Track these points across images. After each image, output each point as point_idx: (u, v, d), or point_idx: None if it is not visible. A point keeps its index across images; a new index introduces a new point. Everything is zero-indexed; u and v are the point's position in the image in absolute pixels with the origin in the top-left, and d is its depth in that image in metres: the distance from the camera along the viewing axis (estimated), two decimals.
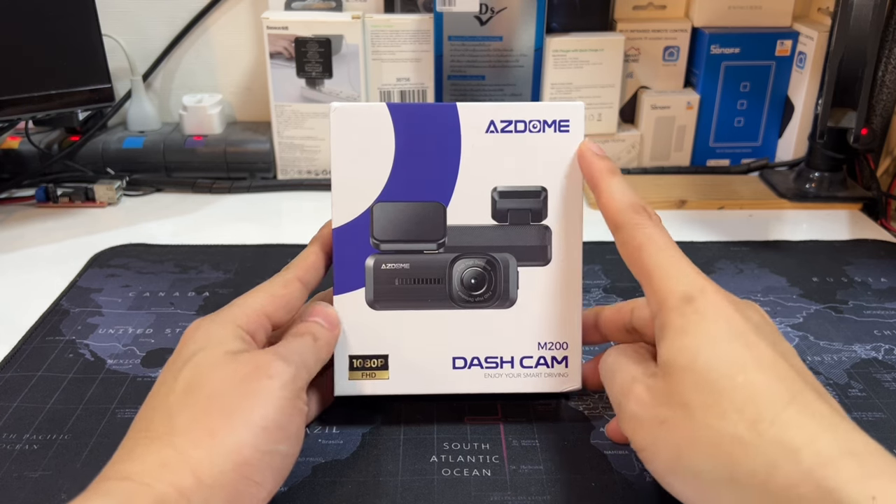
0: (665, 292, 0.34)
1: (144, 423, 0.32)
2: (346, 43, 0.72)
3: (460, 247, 0.41)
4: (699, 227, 0.67)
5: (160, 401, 0.33)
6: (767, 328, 0.34)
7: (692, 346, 0.31)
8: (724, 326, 0.32)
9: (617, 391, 0.35)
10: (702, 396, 0.30)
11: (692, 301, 0.33)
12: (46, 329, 0.51)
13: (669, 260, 0.35)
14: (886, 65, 0.70)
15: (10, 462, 0.39)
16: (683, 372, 0.31)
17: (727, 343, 0.31)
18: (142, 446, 0.31)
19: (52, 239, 0.65)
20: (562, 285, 0.41)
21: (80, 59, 0.64)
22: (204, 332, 0.36)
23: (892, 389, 0.45)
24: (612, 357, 0.37)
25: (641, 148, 0.79)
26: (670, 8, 0.77)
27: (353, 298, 0.41)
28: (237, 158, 0.76)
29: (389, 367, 0.41)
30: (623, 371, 0.35)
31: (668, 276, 0.34)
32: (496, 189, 0.41)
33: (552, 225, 0.41)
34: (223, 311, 0.37)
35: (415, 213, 0.41)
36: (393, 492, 0.37)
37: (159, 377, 0.35)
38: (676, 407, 0.31)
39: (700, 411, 0.30)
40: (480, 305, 0.41)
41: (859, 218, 0.70)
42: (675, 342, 0.32)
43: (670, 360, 0.32)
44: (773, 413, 0.29)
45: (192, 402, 0.32)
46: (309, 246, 0.42)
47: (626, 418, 0.34)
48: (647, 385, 0.33)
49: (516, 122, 0.41)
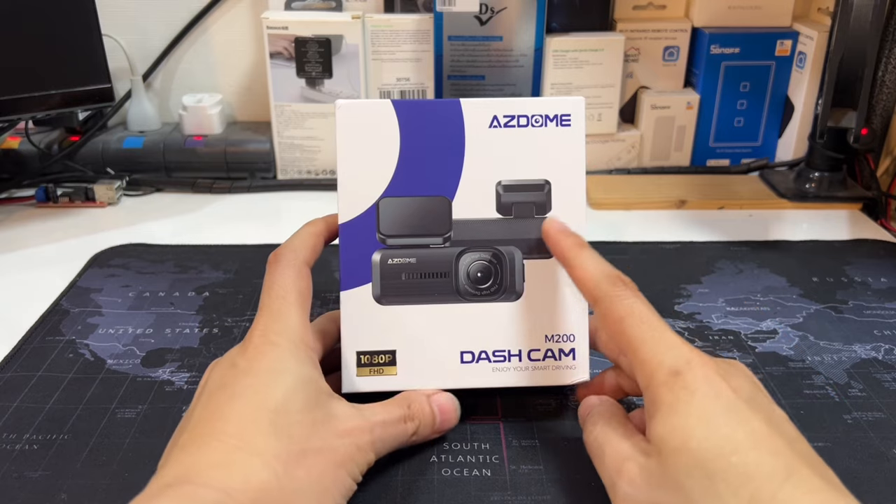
0: (652, 366, 0.33)
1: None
2: (346, 43, 0.72)
3: (466, 240, 0.42)
4: (699, 227, 0.67)
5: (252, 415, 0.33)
6: (759, 396, 0.33)
7: (684, 426, 0.31)
8: (714, 402, 0.31)
9: (609, 469, 0.34)
10: (696, 480, 0.30)
11: (680, 375, 0.32)
12: (46, 329, 0.51)
13: (653, 333, 0.34)
14: (886, 65, 0.70)
15: (10, 462, 0.39)
16: (677, 454, 0.31)
17: (719, 420, 0.31)
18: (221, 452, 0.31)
19: (52, 239, 0.65)
20: (567, 277, 0.41)
21: (80, 59, 0.64)
22: (278, 362, 0.35)
23: (892, 389, 0.45)
24: (598, 428, 0.36)
25: (641, 148, 0.79)
26: (670, 8, 0.77)
27: (359, 294, 0.41)
28: (237, 158, 0.76)
29: (397, 362, 0.41)
30: (612, 447, 0.35)
31: (653, 351, 0.34)
32: (500, 183, 0.41)
33: (556, 217, 0.42)
34: (286, 328, 0.36)
35: (420, 207, 0.41)
36: (393, 492, 0.37)
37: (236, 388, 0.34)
38: (671, 490, 0.30)
39: (696, 495, 0.30)
40: (487, 299, 0.42)
41: (859, 218, 0.70)
42: (666, 421, 0.32)
43: (663, 439, 0.32)
44: (769, 493, 0.28)
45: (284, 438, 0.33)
46: (309, 226, 0.41)
47: (619, 498, 0.33)
48: (640, 465, 0.32)
49: (519, 116, 0.41)
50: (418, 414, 0.38)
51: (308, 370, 0.35)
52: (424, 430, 0.39)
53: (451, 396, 0.41)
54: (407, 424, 0.38)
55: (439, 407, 0.40)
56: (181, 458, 0.31)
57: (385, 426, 0.37)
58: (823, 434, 0.41)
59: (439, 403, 0.40)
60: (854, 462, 0.39)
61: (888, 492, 0.38)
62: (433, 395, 0.40)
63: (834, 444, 0.41)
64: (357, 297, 0.41)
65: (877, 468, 0.39)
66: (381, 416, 0.37)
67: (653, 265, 0.59)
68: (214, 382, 0.35)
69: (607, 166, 0.79)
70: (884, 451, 0.40)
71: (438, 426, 0.40)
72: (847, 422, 0.42)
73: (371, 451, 0.36)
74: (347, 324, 0.41)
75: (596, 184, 0.74)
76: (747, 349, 0.49)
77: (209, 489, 0.29)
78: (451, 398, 0.41)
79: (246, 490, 0.30)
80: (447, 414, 0.40)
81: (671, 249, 0.62)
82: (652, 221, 0.68)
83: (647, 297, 0.55)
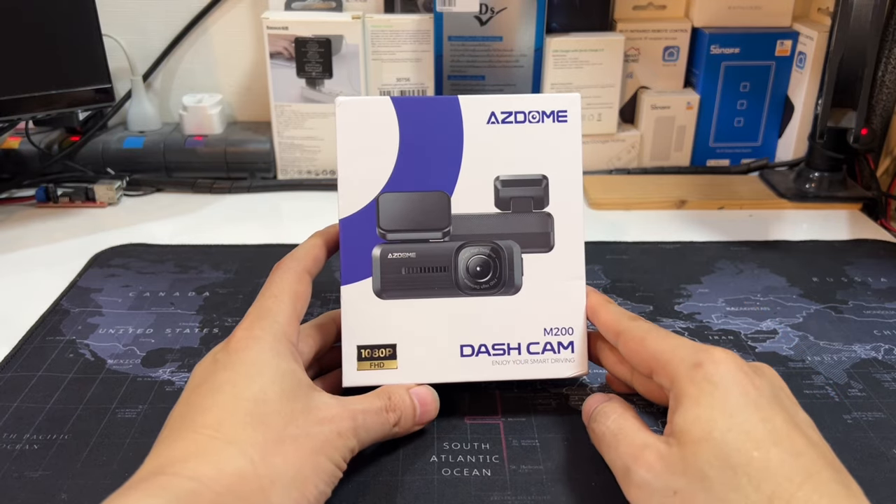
0: (675, 364, 0.35)
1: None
2: (346, 43, 0.72)
3: (465, 235, 0.42)
4: (699, 227, 0.67)
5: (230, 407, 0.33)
6: (783, 396, 0.34)
7: (708, 417, 0.32)
8: (738, 397, 0.32)
9: (624, 456, 0.34)
10: (719, 470, 0.30)
11: (701, 366, 0.33)
12: (46, 329, 0.51)
13: (674, 341, 0.36)
14: (886, 65, 0.70)
15: (10, 462, 0.39)
16: (699, 443, 0.31)
17: (742, 414, 0.31)
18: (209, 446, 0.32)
19: (52, 239, 0.65)
20: (565, 271, 0.42)
21: (80, 59, 0.64)
22: (257, 355, 0.35)
23: (892, 389, 0.45)
24: (611, 420, 0.37)
25: (641, 148, 0.79)
26: (670, 8, 0.77)
27: (360, 288, 0.41)
28: (237, 158, 0.76)
29: (398, 356, 0.41)
30: (628, 435, 0.35)
31: (673, 352, 0.35)
32: (499, 178, 0.42)
33: (554, 212, 0.42)
34: (272, 324, 0.37)
35: (420, 202, 0.42)
36: (393, 492, 0.37)
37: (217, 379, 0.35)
38: (692, 478, 0.31)
39: (717, 484, 0.30)
40: (486, 292, 0.42)
41: (859, 218, 0.70)
42: (689, 412, 0.32)
43: (685, 429, 0.32)
44: (789, 492, 0.29)
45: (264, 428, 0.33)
46: (312, 238, 0.42)
47: (634, 484, 0.33)
48: (660, 452, 0.33)
49: (516, 113, 0.42)
50: (399, 405, 0.39)
51: (287, 363, 0.35)
52: (406, 421, 0.39)
53: (431, 389, 0.41)
54: (388, 415, 0.38)
55: (419, 399, 0.40)
56: (158, 452, 0.32)
57: (366, 414, 0.37)
58: (823, 434, 0.41)
59: (419, 395, 0.40)
60: (854, 462, 0.39)
61: (888, 492, 0.38)
62: (412, 388, 0.40)
63: (834, 444, 0.40)
64: (357, 291, 0.41)
65: (877, 468, 0.39)
66: (363, 405, 0.37)
67: (653, 265, 0.59)
68: (196, 378, 0.35)
69: (607, 166, 0.79)
70: (884, 451, 0.40)
71: (419, 418, 0.40)
72: (847, 422, 0.42)
73: (353, 437, 0.35)
74: (348, 318, 0.41)
75: (596, 184, 0.74)
76: (747, 349, 0.49)
77: (182, 478, 0.29)
78: (430, 391, 0.41)
79: (220, 478, 0.30)
80: (427, 406, 0.40)
81: (671, 249, 0.62)
82: (652, 221, 0.68)
83: (647, 297, 0.55)
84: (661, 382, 0.36)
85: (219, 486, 0.30)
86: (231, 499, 0.30)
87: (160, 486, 0.29)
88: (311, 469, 0.33)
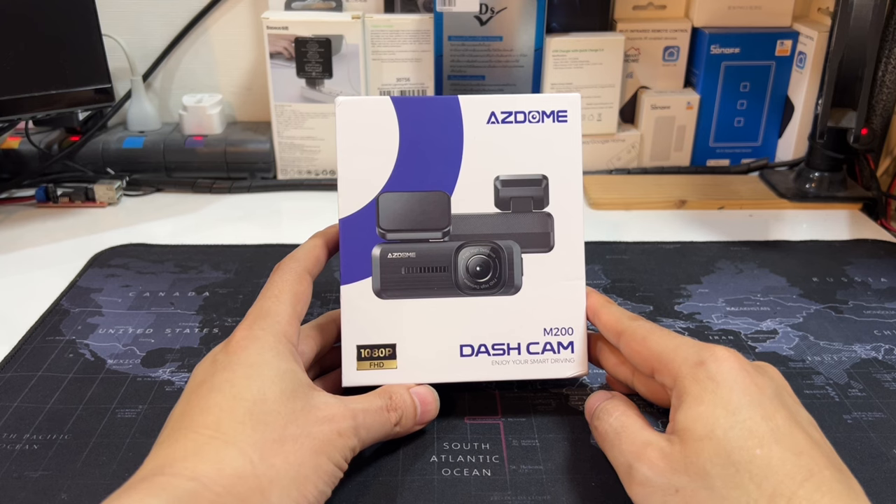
0: (677, 362, 0.35)
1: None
2: (346, 43, 0.72)
3: (465, 235, 0.42)
4: (699, 227, 0.67)
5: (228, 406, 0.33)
6: (785, 396, 0.34)
7: (710, 415, 0.32)
8: (741, 395, 0.32)
9: (627, 453, 0.34)
10: (721, 468, 0.30)
11: (704, 364, 0.33)
12: (46, 329, 0.51)
13: (675, 341, 0.36)
14: (886, 65, 0.70)
15: (10, 462, 0.39)
16: (701, 441, 0.31)
17: (744, 412, 0.31)
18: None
19: (52, 239, 0.65)
20: (565, 271, 0.42)
21: (80, 59, 0.64)
22: (257, 356, 0.35)
23: (892, 389, 0.45)
24: (614, 417, 0.37)
25: (641, 148, 0.79)
26: (670, 8, 0.77)
27: (359, 288, 0.41)
28: (237, 158, 0.76)
29: (397, 356, 0.41)
30: (631, 432, 0.35)
31: (676, 351, 0.35)
32: (498, 178, 0.42)
33: (553, 212, 0.42)
34: (272, 325, 0.37)
35: (420, 202, 0.42)
36: (393, 492, 0.37)
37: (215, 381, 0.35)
38: (694, 475, 0.31)
39: (719, 482, 0.30)
40: (486, 292, 0.42)
41: (859, 218, 0.70)
42: (691, 410, 0.32)
43: (687, 426, 0.32)
44: (790, 490, 0.29)
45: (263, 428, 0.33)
46: (313, 239, 0.42)
47: (637, 482, 0.33)
48: (663, 450, 0.33)
49: (516, 113, 0.42)
50: (400, 405, 0.39)
51: (287, 363, 0.35)
52: (407, 421, 0.39)
53: (431, 389, 0.41)
54: (389, 414, 0.38)
55: (420, 398, 0.40)
56: (158, 452, 0.32)
57: (367, 413, 0.37)
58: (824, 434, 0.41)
59: (420, 395, 0.40)
60: (854, 462, 0.39)
61: (888, 492, 0.38)
62: (413, 387, 0.40)
63: (834, 444, 0.40)
64: (357, 291, 0.41)
65: (877, 468, 0.39)
66: (363, 404, 0.37)
67: (653, 265, 0.59)
68: (196, 378, 0.35)
69: (607, 166, 0.79)
70: (884, 451, 0.40)
71: (420, 417, 0.40)
72: (847, 422, 0.42)
73: (354, 436, 0.35)
74: (348, 318, 0.41)
75: (596, 184, 0.74)
76: (747, 349, 0.49)
77: (181, 478, 0.30)
78: (430, 390, 0.41)
79: (219, 478, 0.30)
80: (427, 405, 0.40)
81: (671, 249, 0.62)
82: (652, 221, 0.68)
83: (647, 297, 0.55)
84: (663, 381, 0.36)
85: (218, 487, 0.30)
86: (230, 499, 0.30)
87: (160, 486, 0.29)
88: (312, 469, 0.33)
